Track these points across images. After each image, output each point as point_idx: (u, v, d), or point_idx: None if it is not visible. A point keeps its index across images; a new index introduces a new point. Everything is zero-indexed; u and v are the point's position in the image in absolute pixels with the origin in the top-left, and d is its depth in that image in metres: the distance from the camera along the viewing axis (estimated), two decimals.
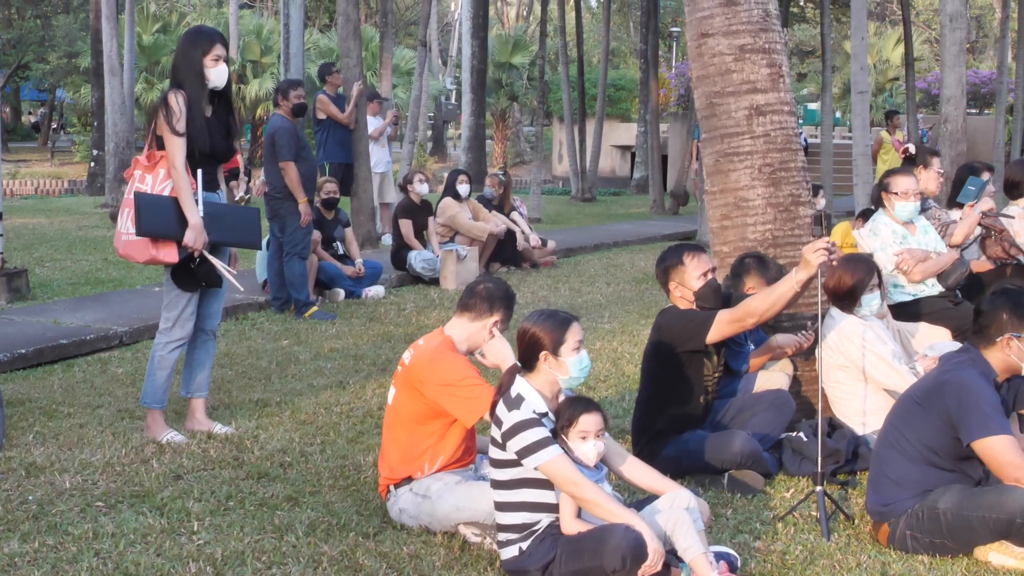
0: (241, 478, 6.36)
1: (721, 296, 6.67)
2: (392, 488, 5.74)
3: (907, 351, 7.63)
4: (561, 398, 5.19)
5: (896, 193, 8.31)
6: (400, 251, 14.20)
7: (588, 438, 5.01)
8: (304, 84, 12.89)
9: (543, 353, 5.10)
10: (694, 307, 6.55)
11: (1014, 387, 5.67)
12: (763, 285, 6.82)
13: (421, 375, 5.63)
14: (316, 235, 12.26)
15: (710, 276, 6.58)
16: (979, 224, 8.82)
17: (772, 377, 7.26)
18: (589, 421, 5.02)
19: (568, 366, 5.10)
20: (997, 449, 5.16)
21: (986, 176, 9.36)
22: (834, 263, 6.23)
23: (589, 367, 5.21)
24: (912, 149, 9.26)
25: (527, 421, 4.94)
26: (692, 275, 6.54)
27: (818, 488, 5.82)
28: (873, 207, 8.83)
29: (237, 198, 11.70)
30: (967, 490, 5.30)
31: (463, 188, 14.86)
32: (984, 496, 5.23)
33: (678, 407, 6.58)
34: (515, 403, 5.03)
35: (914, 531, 5.35)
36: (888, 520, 5.47)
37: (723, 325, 6.32)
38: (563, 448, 4.99)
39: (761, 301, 6.20)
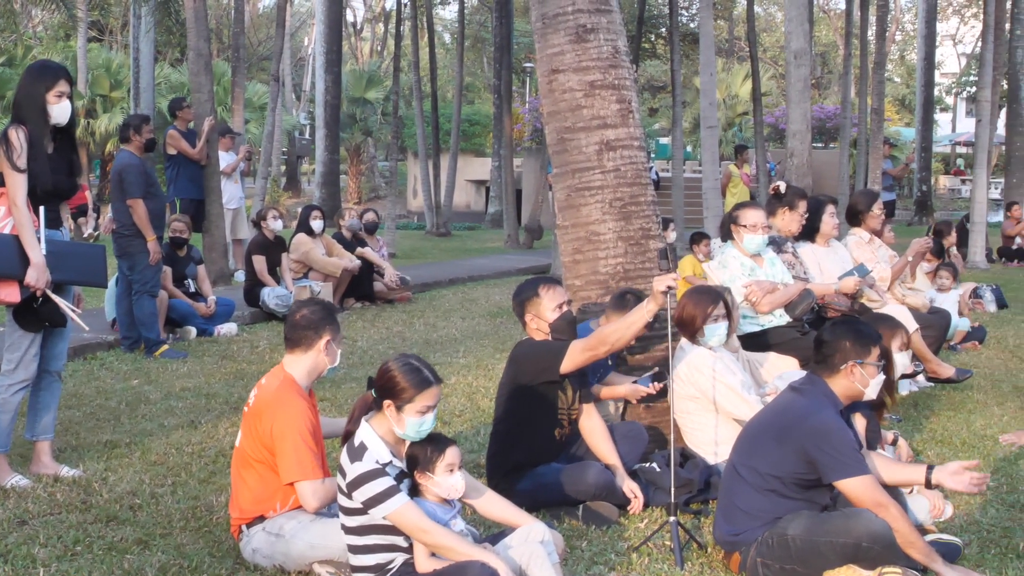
0: (89, 522, 6.20)
1: (576, 328, 6.75)
2: (244, 528, 5.66)
3: (756, 381, 7.76)
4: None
5: (745, 226, 8.47)
6: (253, 288, 14.05)
7: (455, 470, 5.02)
8: (154, 119, 12.71)
9: (388, 402, 5.05)
10: (549, 339, 6.62)
11: (844, 417, 5.80)
12: None
13: (263, 416, 5.59)
14: (166, 272, 12.08)
15: (565, 308, 6.66)
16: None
17: None
18: (454, 453, 5.04)
19: (406, 424, 5.03)
20: (858, 490, 5.32)
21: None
22: (674, 296, 6.34)
23: (428, 431, 5.10)
24: (782, 188, 9.38)
25: (370, 472, 4.90)
26: (547, 307, 6.62)
27: (671, 518, 5.89)
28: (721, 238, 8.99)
29: (86, 235, 11.47)
30: (815, 516, 5.40)
31: (317, 224, 14.75)
32: (832, 521, 5.32)
33: (534, 441, 6.61)
34: (358, 453, 4.98)
35: (765, 558, 5.42)
36: (739, 549, 5.54)
37: (577, 354, 6.38)
38: (425, 485, 4.99)
39: (613, 330, 6.29)
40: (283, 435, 5.52)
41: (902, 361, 6.63)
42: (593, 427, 6.70)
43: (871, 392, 5.62)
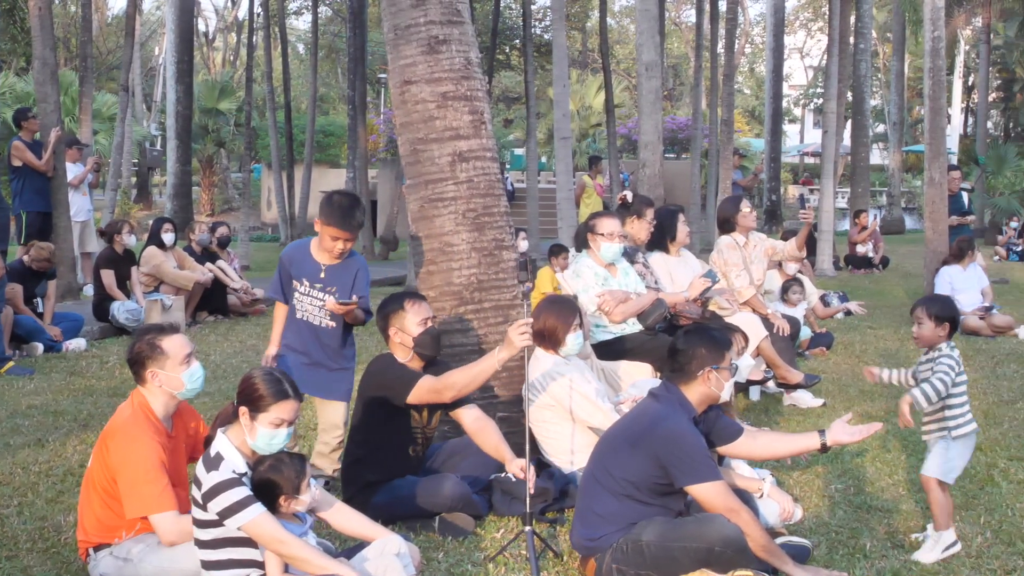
0: None
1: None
2: (91, 551, 5.51)
3: (612, 388, 7.83)
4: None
5: (602, 234, 8.56)
6: (102, 302, 13.77)
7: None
8: None
9: (244, 408, 5.00)
10: (412, 354, 6.60)
11: (709, 421, 5.89)
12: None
13: (109, 443, 5.44)
14: (14, 287, 11.79)
15: (430, 323, 6.65)
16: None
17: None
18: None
19: (258, 434, 4.99)
20: (710, 495, 5.41)
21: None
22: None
23: (279, 446, 5.04)
24: (629, 197, 9.50)
25: (226, 482, 4.84)
26: (412, 322, 6.61)
27: (527, 528, 5.91)
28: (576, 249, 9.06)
29: None
30: (669, 522, 5.47)
31: (168, 236, 14.53)
32: (685, 527, 5.40)
33: (387, 458, 6.61)
34: (214, 463, 4.92)
35: (620, 564, 5.46)
36: (595, 555, 5.58)
37: (423, 391, 6.43)
38: (288, 506, 4.94)
39: (461, 376, 6.34)
40: (124, 468, 5.33)
41: (744, 364, 6.77)
42: (483, 427, 6.63)
43: (725, 394, 5.74)
